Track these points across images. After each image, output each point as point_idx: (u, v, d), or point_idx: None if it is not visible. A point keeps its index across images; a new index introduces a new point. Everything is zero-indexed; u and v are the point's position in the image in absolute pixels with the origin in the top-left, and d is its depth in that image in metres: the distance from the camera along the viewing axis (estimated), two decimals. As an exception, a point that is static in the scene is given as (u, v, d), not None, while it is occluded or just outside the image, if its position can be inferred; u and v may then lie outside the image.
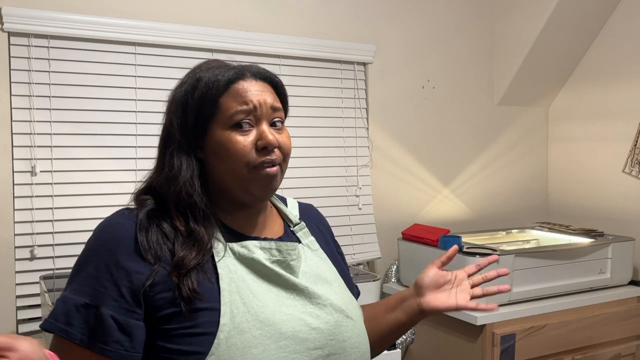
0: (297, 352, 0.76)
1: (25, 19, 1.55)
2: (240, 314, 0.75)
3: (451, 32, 2.27)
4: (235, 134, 0.80)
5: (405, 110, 2.18)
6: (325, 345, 0.79)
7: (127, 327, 0.73)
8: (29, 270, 1.57)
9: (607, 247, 1.89)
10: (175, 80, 1.83)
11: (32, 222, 1.58)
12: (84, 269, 0.76)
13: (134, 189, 0.86)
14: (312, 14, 1.99)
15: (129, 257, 0.75)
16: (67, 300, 0.74)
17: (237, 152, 0.80)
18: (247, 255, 0.80)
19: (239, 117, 0.80)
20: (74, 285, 0.76)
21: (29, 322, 1.58)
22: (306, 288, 0.81)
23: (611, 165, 2.22)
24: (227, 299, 0.76)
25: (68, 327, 0.73)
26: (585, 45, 2.30)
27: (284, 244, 0.84)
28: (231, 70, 0.82)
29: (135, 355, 0.73)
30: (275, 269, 0.81)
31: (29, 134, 1.58)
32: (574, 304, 1.79)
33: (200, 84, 0.82)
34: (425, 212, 2.23)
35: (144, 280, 0.74)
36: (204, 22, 1.81)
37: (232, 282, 0.77)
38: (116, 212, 0.81)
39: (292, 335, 0.76)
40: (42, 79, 1.59)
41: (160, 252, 0.76)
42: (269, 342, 0.75)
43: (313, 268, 0.86)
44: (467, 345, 1.70)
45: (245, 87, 0.82)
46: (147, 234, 0.77)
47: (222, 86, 0.81)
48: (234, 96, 0.81)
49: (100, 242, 0.77)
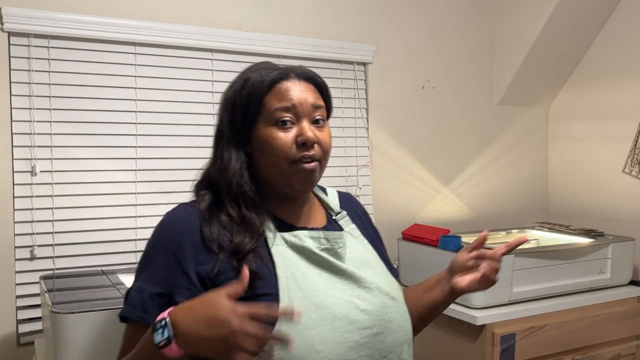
0: (349, 332, 0.82)
1: (25, 19, 1.55)
2: (297, 299, 0.81)
3: (451, 32, 2.27)
4: (277, 131, 0.87)
5: (405, 111, 2.18)
6: (373, 325, 0.85)
7: None
8: (29, 270, 1.57)
9: (607, 247, 1.88)
10: (175, 80, 1.86)
11: (32, 222, 1.57)
12: (153, 261, 0.84)
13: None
14: (312, 14, 1.99)
15: (195, 249, 0.82)
16: (142, 290, 0.82)
17: (279, 147, 0.86)
18: (298, 244, 0.87)
19: (280, 114, 0.87)
20: (146, 275, 0.83)
21: (29, 322, 1.58)
22: (353, 273, 0.88)
23: (611, 165, 2.21)
24: (285, 285, 0.82)
25: (145, 314, 0.80)
26: (585, 45, 2.29)
27: (331, 233, 0.91)
28: (276, 71, 0.89)
29: None
30: (325, 256, 0.87)
31: (29, 134, 1.58)
32: (574, 304, 1.78)
33: (248, 84, 0.89)
34: (425, 212, 2.23)
35: (211, 269, 0.81)
36: (204, 22, 1.80)
37: (287, 269, 0.84)
38: (177, 207, 0.89)
39: (343, 317, 0.82)
40: (42, 79, 1.59)
41: (222, 242, 0.83)
42: (324, 323, 0.81)
43: (357, 254, 0.93)
44: (467, 345, 1.70)
45: (288, 87, 0.88)
46: (210, 226, 0.84)
47: (267, 86, 0.88)
48: (277, 95, 0.88)
49: (166, 236, 0.85)
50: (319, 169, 0.90)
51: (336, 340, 0.81)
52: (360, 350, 0.83)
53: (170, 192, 1.75)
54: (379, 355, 0.85)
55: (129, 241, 1.69)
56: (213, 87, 1.82)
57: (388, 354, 0.86)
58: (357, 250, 0.94)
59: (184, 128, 1.78)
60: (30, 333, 1.58)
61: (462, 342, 1.71)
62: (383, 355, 0.86)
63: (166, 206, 1.69)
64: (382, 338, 0.86)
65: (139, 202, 1.70)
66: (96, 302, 1.18)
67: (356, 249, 0.94)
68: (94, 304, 1.16)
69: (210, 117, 1.82)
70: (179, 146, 1.77)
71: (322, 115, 0.90)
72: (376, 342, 0.85)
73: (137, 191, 1.70)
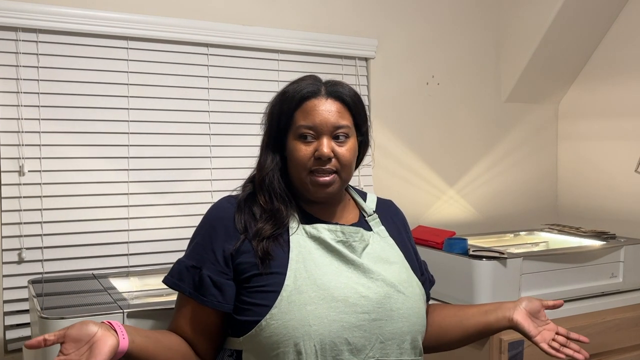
0: (345, 313, 0.95)
1: (13, 12, 1.52)
2: (302, 278, 0.96)
3: (456, 26, 2.25)
4: (300, 144, 1.02)
5: (408, 108, 2.16)
6: (372, 311, 0.97)
7: (220, 285, 0.97)
8: (17, 274, 1.55)
9: (619, 250, 1.85)
10: (169, 76, 1.84)
11: (20, 224, 1.55)
12: (195, 239, 1.03)
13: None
14: (311, 7, 1.97)
15: (225, 231, 1.00)
16: (181, 262, 1.02)
17: (299, 158, 1.02)
18: (315, 235, 1.02)
19: (303, 130, 1.02)
20: (187, 251, 1.03)
21: (17, 329, 1.55)
22: (362, 264, 1.01)
23: (624, 165, 2.20)
24: (293, 266, 0.97)
25: (180, 282, 1.00)
26: (596, 39, 2.27)
27: (347, 228, 1.05)
28: (309, 87, 1.04)
29: (225, 306, 0.98)
30: (338, 247, 1.01)
31: (17, 132, 1.56)
32: (584, 309, 1.75)
33: (283, 98, 1.05)
34: (429, 214, 2.22)
35: (234, 249, 0.98)
36: (198, 15, 1.78)
37: (299, 254, 0.99)
38: (223, 197, 1.07)
39: (342, 299, 0.95)
40: (30, 75, 1.57)
41: (248, 226, 1.00)
42: (321, 302, 0.94)
43: (377, 251, 1.06)
44: (473, 352, 1.67)
45: (314, 106, 1.02)
46: (242, 214, 1.02)
47: (296, 102, 1.03)
48: (303, 112, 1.02)
49: (207, 219, 1.04)
50: (338, 180, 1.04)
51: (330, 318, 0.94)
52: (354, 331, 0.95)
53: (165, 192, 1.73)
54: (377, 340, 0.97)
55: (121, 244, 1.66)
56: (209, 83, 1.79)
57: (386, 340, 0.98)
58: (380, 248, 1.06)
59: (179, 126, 1.76)
60: (18, 340, 1.56)
61: (468, 348, 1.68)
62: (381, 341, 0.97)
63: (160, 207, 1.71)
64: (380, 324, 0.97)
65: (131, 203, 1.68)
66: (87, 307, 1.17)
67: (379, 246, 1.07)
68: (84, 309, 1.15)
69: (206, 114, 1.79)
70: (174, 145, 1.75)
71: (344, 132, 1.03)
72: (374, 327, 0.96)
73: (129, 192, 1.68)
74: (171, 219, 1.72)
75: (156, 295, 1.37)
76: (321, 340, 0.93)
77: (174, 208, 1.73)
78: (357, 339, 0.95)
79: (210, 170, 1.79)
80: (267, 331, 0.93)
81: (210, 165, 1.79)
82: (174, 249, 1.71)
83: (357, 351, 0.95)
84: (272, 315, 0.93)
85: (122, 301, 1.20)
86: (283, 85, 1.08)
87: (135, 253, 1.67)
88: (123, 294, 1.27)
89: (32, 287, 1.44)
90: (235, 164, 1.82)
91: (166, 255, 1.70)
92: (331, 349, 0.93)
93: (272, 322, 0.93)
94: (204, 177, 1.78)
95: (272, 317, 0.93)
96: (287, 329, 0.92)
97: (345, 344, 0.94)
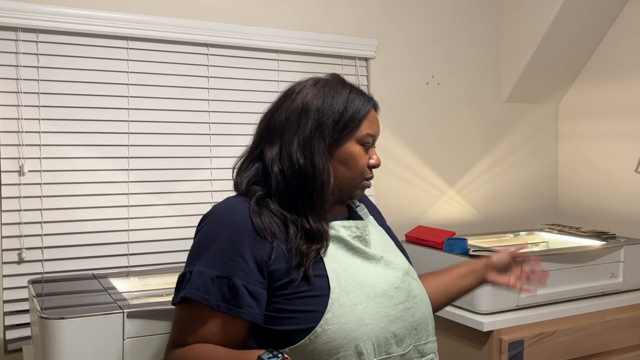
0: (388, 307, 0.96)
1: (13, 12, 1.51)
2: (344, 279, 0.95)
3: (456, 26, 2.25)
4: (362, 151, 1.03)
5: (408, 108, 2.16)
6: (405, 300, 0.99)
7: (256, 295, 0.91)
8: (17, 274, 1.54)
9: (619, 250, 1.85)
10: (169, 76, 1.83)
11: (20, 224, 1.55)
12: (211, 247, 0.93)
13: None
14: (311, 7, 1.96)
15: (250, 236, 0.93)
16: (203, 273, 0.92)
17: (361, 165, 1.03)
18: (334, 234, 1.00)
19: (368, 139, 1.03)
20: (204, 260, 0.93)
21: (17, 329, 1.55)
22: (382, 257, 1.03)
23: (624, 165, 2.19)
24: (331, 267, 0.95)
25: (207, 295, 0.91)
26: (597, 38, 2.27)
27: (358, 222, 1.05)
28: (371, 100, 1.06)
29: (261, 317, 0.92)
30: (356, 243, 1.01)
31: (17, 132, 1.55)
32: (584, 309, 1.75)
33: (351, 105, 1.03)
34: (429, 214, 2.21)
35: (267, 256, 0.92)
36: (198, 15, 1.77)
37: (329, 255, 0.97)
38: (227, 199, 1.00)
39: (383, 294, 0.97)
40: (30, 75, 1.56)
41: (274, 230, 0.95)
42: (368, 300, 0.95)
43: (379, 240, 1.07)
44: (473, 352, 1.67)
45: (375, 116, 1.06)
46: (260, 217, 0.95)
47: (366, 112, 1.03)
48: (369, 121, 1.04)
49: (222, 223, 0.95)
50: None
51: (380, 314, 0.95)
52: (397, 323, 0.97)
53: (165, 192, 1.72)
54: (412, 327, 0.99)
55: (121, 244, 1.66)
56: (209, 83, 1.79)
57: (418, 325, 1.01)
58: (379, 237, 1.08)
59: (179, 126, 1.75)
60: (18, 340, 1.55)
61: (468, 348, 1.69)
62: (414, 327, 1.00)
63: (160, 207, 1.71)
64: (412, 312, 1.00)
65: (131, 203, 1.68)
66: (87, 307, 1.16)
67: (377, 236, 1.08)
68: (84, 309, 1.14)
69: (206, 114, 1.79)
70: (174, 145, 1.75)
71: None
72: (408, 315, 0.99)
73: (129, 192, 1.68)
74: (171, 219, 1.72)
75: (156, 295, 1.37)
76: (377, 338, 0.94)
77: (174, 208, 1.73)
78: (400, 329, 0.97)
79: (210, 170, 1.79)
80: (323, 337, 0.90)
81: (210, 165, 1.79)
82: (174, 249, 1.70)
83: (400, 342, 0.97)
84: (326, 321, 0.90)
85: (122, 301, 1.20)
86: (283, 85, 1.07)
87: (135, 253, 1.66)
88: (123, 294, 1.27)
89: (32, 287, 1.44)
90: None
91: (166, 255, 1.70)
92: (384, 344, 0.95)
93: (327, 327, 0.90)
94: (204, 177, 1.78)
95: (327, 322, 0.90)
96: (345, 332, 0.91)
97: (392, 337, 0.96)
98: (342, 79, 1.07)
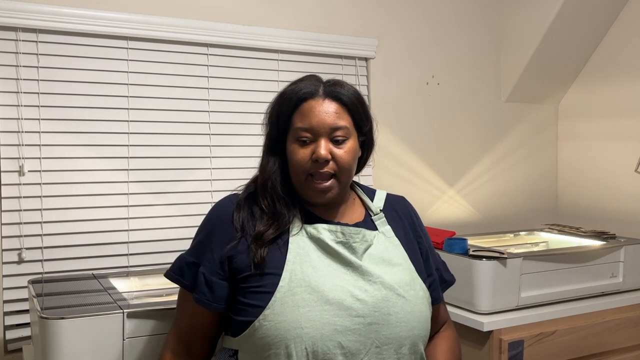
0: (339, 316, 0.93)
1: (13, 12, 1.51)
2: (296, 280, 0.94)
3: (456, 26, 2.24)
4: (297, 147, 1.00)
5: (408, 108, 2.15)
6: (368, 315, 0.94)
7: (211, 283, 0.98)
8: (17, 274, 1.55)
9: (619, 250, 1.85)
10: (169, 76, 1.84)
11: (20, 224, 1.55)
12: (197, 237, 1.04)
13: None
14: (311, 7, 1.96)
15: (223, 230, 1.00)
16: (182, 258, 1.04)
17: (297, 162, 1.00)
18: (315, 235, 1.00)
19: (300, 133, 1.00)
20: (191, 248, 1.04)
21: (17, 329, 1.55)
22: (361, 266, 0.98)
23: (624, 165, 2.19)
24: (289, 268, 0.96)
25: (181, 277, 1.02)
26: (597, 38, 2.26)
27: (348, 228, 1.02)
28: (306, 88, 1.01)
29: (213, 305, 0.99)
30: (337, 248, 0.99)
31: (17, 132, 1.55)
32: (584, 309, 1.75)
33: (281, 100, 1.03)
34: (429, 214, 2.21)
35: (234, 250, 0.98)
36: (199, 15, 1.77)
37: (297, 255, 0.97)
38: (227, 195, 1.06)
39: (337, 303, 0.93)
40: (30, 75, 1.56)
41: (246, 225, 1.00)
42: (314, 304, 0.93)
43: (380, 251, 1.03)
44: (473, 352, 1.66)
45: (311, 107, 1.00)
46: (240, 213, 1.01)
47: (293, 105, 1.01)
48: (300, 115, 1.00)
49: (209, 217, 1.05)
50: (337, 184, 1.01)
51: (323, 321, 0.92)
52: (348, 335, 0.93)
53: (164, 192, 1.72)
54: (372, 344, 0.94)
55: (121, 244, 1.66)
56: (209, 83, 1.79)
57: (382, 345, 0.95)
58: (383, 249, 1.03)
59: (179, 126, 1.75)
60: (18, 340, 1.55)
61: (467, 348, 1.68)
62: (377, 345, 0.94)
63: (160, 207, 1.71)
64: (376, 329, 0.95)
65: (131, 203, 1.67)
66: (87, 307, 1.17)
67: (382, 247, 1.04)
68: (84, 309, 1.15)
69: (206, 114, 1.79)
70: (174, 145, 1.74)
71: (342, 134, 1.00)
72: (369, 331, 0.94)
73: (129, 192, 1.68)
74: (171, 219, 1.72)
75: (156, 295, 1.37)
76: (313, 343, 0.91)
77: (173, 208, 1.73)
78: (351, 343, 0.92)
79: (210, 170, 1.79)
80: (259, 332, 0.93)
81: (210, 165, 1.79)
82: (173, 249, 1.70)
83: (351, 355, 0.92)
84: (265, 316, 0.93)
85: (122, 301, 1.20)
86: (283, 85, 1.07)
87: (135, 253, 1.66)
88: (123, 294, 1.27)
89: (32, 287, 1.44)
90: (235, 164, 1.81)
91: (166, 255, 1.69)
92: (323, 353, 0.91)
93: (264, 323, 0.93)
94: (203, 177, 1.78)
95: (265, 318, 0.93)
96: (278, 331, 0.92)
97: (338, 348, 0.92)
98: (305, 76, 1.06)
